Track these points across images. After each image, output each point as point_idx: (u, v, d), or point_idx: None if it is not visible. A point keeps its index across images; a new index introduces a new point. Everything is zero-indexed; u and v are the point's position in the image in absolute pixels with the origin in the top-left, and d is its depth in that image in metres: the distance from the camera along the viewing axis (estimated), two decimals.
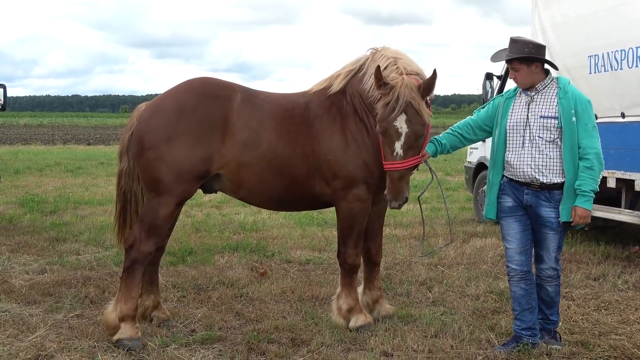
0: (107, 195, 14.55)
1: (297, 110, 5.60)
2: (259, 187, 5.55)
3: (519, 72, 5.15)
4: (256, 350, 5.23)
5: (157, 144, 5.29)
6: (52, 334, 5.49)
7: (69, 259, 8.23)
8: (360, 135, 5.51)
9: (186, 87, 5.58)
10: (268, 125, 5.47)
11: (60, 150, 31.98)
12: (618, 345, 5.30)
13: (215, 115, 5.36)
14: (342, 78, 5.66)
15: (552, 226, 5.12)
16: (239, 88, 5.63)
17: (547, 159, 5.07)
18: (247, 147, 5.40)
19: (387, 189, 5.16)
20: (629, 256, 8.56)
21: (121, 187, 5.75)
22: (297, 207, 6.10)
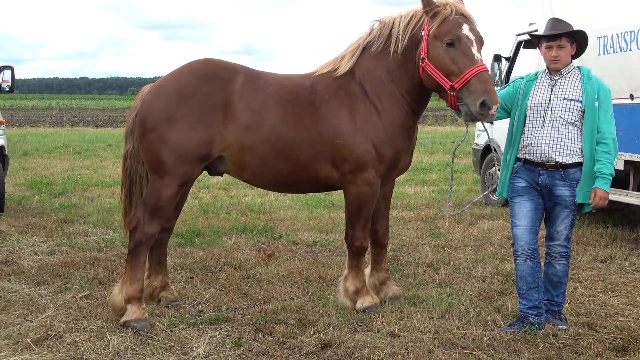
0: (115, 177, 14.60)
1: (302, 93, 5.54)
2: (262, 169, 5.52)
3: (563, 50, 5.23)
4: (263, 330, 5.26)
5: (159, 126, 5.29)
6: (61, 314, 5.54)
7: (77, 240, 8.28)
8: (371, 118, 5.46)
9: (188, 69, 5.55)
10: (271, 108, 5.42)
11: (68, 133, 32.07)
12: (624, 326, 5.31)
13: (217, 97, 5.32)
14: (348, 59, 5.60)
15: (566, 204, 5.21)
16: (241, 69, 5.57)
17: (565, 140, 5.14)
18: (249, 130, 5.36)
19: (483, 94, 4.93)
20: (637, 238, 8.56)
21: (126, 168, 5.76)
22: (302, 190, 6.07)
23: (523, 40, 11.02)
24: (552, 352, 4.83)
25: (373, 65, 5.55)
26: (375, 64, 5.55)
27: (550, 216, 5.34)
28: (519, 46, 11.14)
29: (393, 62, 5.51)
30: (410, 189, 13.08)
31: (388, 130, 5.46)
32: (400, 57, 5.47)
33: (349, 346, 4.91)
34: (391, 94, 5.51)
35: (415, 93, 5.52)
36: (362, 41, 5.64)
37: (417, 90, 5.50)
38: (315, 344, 4.96)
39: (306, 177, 5.59)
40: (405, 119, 5.56)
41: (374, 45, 5.59)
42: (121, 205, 5.90)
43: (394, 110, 5.51)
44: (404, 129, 5.57)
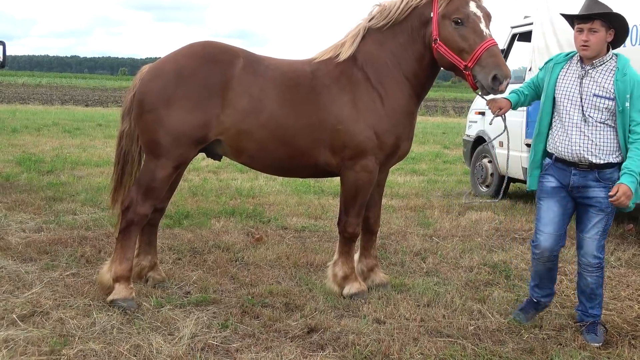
0: (105, 157, 14.55)
1: (303, 79, 5.49)
2: (260, 154, 5.49)
3: (595, 35, 4.72)
4: (250, 313, 5.27)
5: (156, 107, 5.26)
6: (48, 291, 5.53)
7: (65, 218, 8.25)
8: (373, 104, 5.42)
9: (187, 51, 5.51)
10: (270, 93, 5.38)
11: (58, 111, 31.88)
12: (608, 320, 5.36)
13: (215, 81, 5.29)
14: (349, 45, 5.56)
15: (600, 207, 4.85)
16: (242, 53, 5.53)
17: (597, 140, 4.79)
18: (248, 115, 5.32)
19: (494, 68, 4.95)
20: (623, 234, 8.62)
21: (121, 147, 5.73)
22: (300, 175, 6.02)
23: (517, 33, 11.02)
24: (536, 343, 4.87)
25: (377, 50, 5.51)
26: (379, 48, 5.51)
27: (582, 219, 5.00)
28: (514, 39, 11.14)
29: (399, 44, 5.49)
30: (400, 178, 13.10)
31: (390, 117, 5.44)
32: (407, 38, 5.46)
33: (334, 331, 4.93)
34: (395, 78, 5.48)
35: (423, 75, 5.52)
36: (362, 26, 5.61)
37: (425, 71, 5.50)
38: (301, 328, 4.98)
39: (305, 163, 5.56)
40: (408, 104, 5.54)
41: (376, 29, 5.56)
42: (111, 184, 5.87)
43: (397, 96, 5.48)
44: (406, 115, 5.56)
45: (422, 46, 5.42)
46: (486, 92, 5.12)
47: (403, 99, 5.50)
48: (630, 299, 5.98)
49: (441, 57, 5.27)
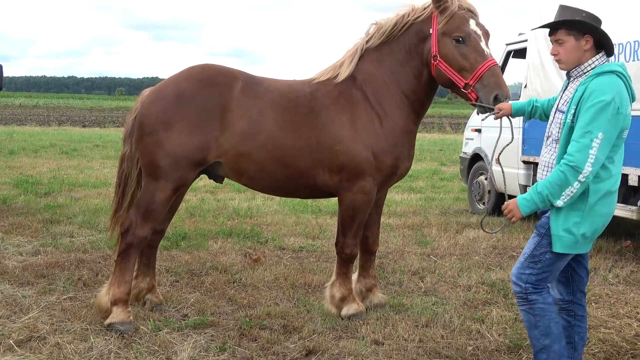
0: (102, 178, 14.56)
1: (302, 100, 5.49)
2: (259, 175, 5.50)
3: (563, 46, 4.10)
4: (248, 336, 5.25)
5: (156, 129, 5.28)
6: (45, 315, 5.51)
7: (62, 241, 8.23)
8: (372, 124, 5.41)
9: (187, 74, 5.54)
10: (269, 115, 5.39)
11: (55, 132, 31.92)
12: (607, 338, 5.34)
13: (214, 103, 5.30)
14: (347, 65, 5.56)
15: (537, 225, 4.29)
16: (240, 75, 5.55)
17: (545, 159, 4.29)
18: (246, 137, 5.34)
19: (496, 88, 4.97)
20: (621, 250, 8.61)
21: (122, 170, 5.77)
22: (300, 195, 6.01)
23: (512, 50, 11.09)
24: None
25: (375, 68, 5.52)
26: (378, 67, 5.52)
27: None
28: (508, 56, 11.21)
29: (397, 61, 5.49)
30: (397, 196, 13.11)
31: (389, 137, 5.42)
32: (405, 55, 5.47)
33: (333, 353, 4.91)
34: (394, 96, 5.48)
35: (422, 92, 5.52)
36: (360, 45, 5.61)
37: (424, 88, 5.51)
38: (299, 350, 4.96)
39: (304, 183, 5.56)
40: (407, 123, 5.54)
41: (374, 47, 5.57)
42: (112, 207, 5.90)
43: (395, 115, 5.48)
44: (405, 134, 5.55)
45: (420, 63, 5.43)
46: (484, 111, 5.10)
47: (401, 118, 5.50)
48: (629, 316, 5.96)
49: (440, 74, 5.27)
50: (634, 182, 7.71)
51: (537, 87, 9.54)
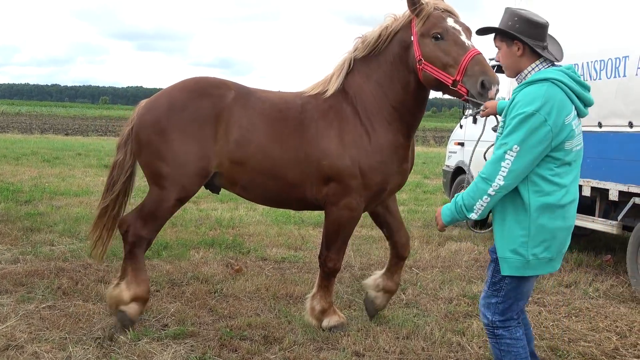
0: (84, 187, 14.46)
1: (292, 113, 5.45)
2: (251, 185, 5.51)
3: (499, 53, 3.98)
4: (228, 346, 5.22)
5: (152, 140, 5.35)
6: (23, 324, 5.45)
7: (42, 249, 8.16)
8: (360, 140, 5.31)
9: (180, 85, 5.60)
10: (259, 125, 5.38)
11: (37, 140, 31.69)
12: (587, 352, 5.37)
13: (206, 113, 5.33)
14: (335, 79, 5.51)
15: (489, 251, 4.08)
16: (233, 86, 5.57)
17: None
18: (238, 146, 5.34)
19: (480, 75, 4.66)
20: (601, 264, 8.67)
21: (112, 177, 5.80)
22: (291, 207, 5.94)
23: (496, 65, 11.15)
24: None
25: (365, 83, 5.45)
26: (367, 81, 5.44)
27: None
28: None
29: (383, 74, 5.39)
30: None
31: (377, 154, 5.31)
32: (390, 66, 5.36)
33: None
34: (382, 110, 5.36)
35: (411, 102, 5.35)
36: (348, 59, 5.56)
37: (413, 98, 5.33)
38: None
39: (295, 196, 5.52)
40: (397, 137, 5.39)
41: (363, 61, 5.51)
42: (96, 211, 5.91)
43: (384, 130, 5.35)
44: (396, 150, 5.41)
45: (406, 72, 5.28)
46: (477, 105, 4.76)
47: (391, 134, 5.37)
48: (609, 330, 5.99)
49: (427, 77, 5.06)
50: (615, 197, 7.77)
51: None
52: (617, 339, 5.73)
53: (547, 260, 3.71)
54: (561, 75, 3.66)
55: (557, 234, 3.68)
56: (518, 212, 3.68)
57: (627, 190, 7.58)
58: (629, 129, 7.52)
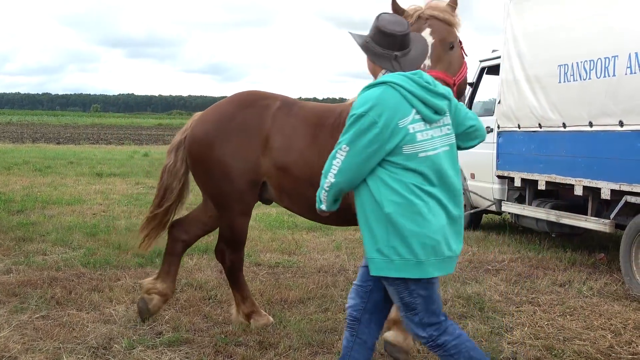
0: (76, 195, 14.42)
1: (330, 120, 5.35)
2: (295, 194, 5.41)
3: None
4: (223, 353, 5.21)
5: (203, 155, 5.50)
6: (17, 334, 5.42)
7: (35, 259, 8.13)
8: None
9: (230, 98, 5.75)
10: (299, 132, 5.36)
11: (29, 149, 31.56)
12: (582, 350, 5.37)
13: (253, 123, 5.41)
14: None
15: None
16: (280, 97, 5.62)
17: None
18: (281, 153, 5.35)
19: None
20: (595, 263, 8.69)
21: (162, 182, 5.91)
22: (333, 221, 5.43)
23: (486, 67, 11.20)
24: None
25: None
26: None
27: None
28: (482, 72, 11.32)
29: None
30: None
31: None
32: None
33: None
34: None
35: None
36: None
37: None
38: None
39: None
40: None
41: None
42: (146, 214, 6.08)
43: None
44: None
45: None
46: None
47: None
48: (603, 328, 6.00)
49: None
50: (607, 195, 7.80)
51: (511, 103, 9.64)
52: (611, 337, 5.74)
53: (414, 263, 3.51)
54: (401, 79, 3.59)
55: (412, 237, 3.50)
56: (376, 211, 3.58)
57: (619, 189, 7.60)
58: (619, 128, 7.54)
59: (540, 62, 8.99)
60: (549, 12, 8.93)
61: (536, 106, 9.03)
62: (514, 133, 9.70)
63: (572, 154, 8.44)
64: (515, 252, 9.38)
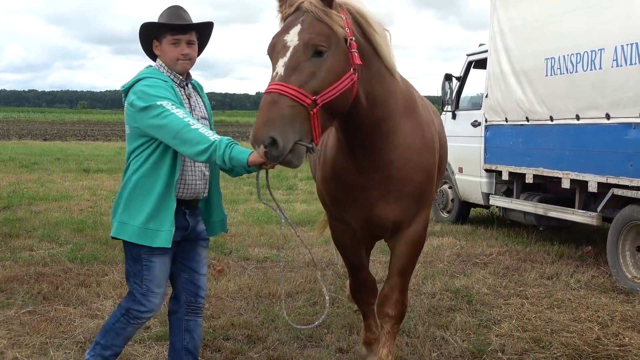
0: (63, 191, 14.34)
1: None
2: None
3: (193, 47, 4.00)
4: (211, 346, 5.19)
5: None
6: (3, 330, 5.39)
7: (22, 254, 8.07)
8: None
9: None
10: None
11: (15, 146, 31.34)
12: (570, 342, 5.39)
13: None
14: None
15: (205, 236, 4.25)
16: None
17: (209, 172, 4.14)
18: None
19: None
20: (582, 256, 8.73)
21: None
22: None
23: (473, 61, 11.21)
24: None
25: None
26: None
27: (195, 258, 4.19)
28: (470, 66, 11.33)
29: None
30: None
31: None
32: None
33: None
34: None
35: None
36: None
37: None
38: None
39: None
40: None
41: None
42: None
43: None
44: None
45: None
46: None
47: None
48: (590, 320, 6.03)
49: None
50: (594, 188, 7.83)
51: (498, 97, 9.65)
52: (599, 329, 5.76)
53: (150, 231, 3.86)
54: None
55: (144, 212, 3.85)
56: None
57: (606, 182, 7.63)
58: (606, 121, 7.57)
59: (527, 55, 9.01)
60: (535, 5, 8.95)
61: (523, 100, 9.05)
62: (501, 127, 9.72)
63: (560, 147, 8.46)
64: (503, 246, 9.40)
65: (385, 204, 4.09)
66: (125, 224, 3.90)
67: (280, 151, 3.15)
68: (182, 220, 3.97)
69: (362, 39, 3.60)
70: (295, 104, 3.20)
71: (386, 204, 4.09)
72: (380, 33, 3.71)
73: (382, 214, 4.13)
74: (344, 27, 3.43)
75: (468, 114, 11.02)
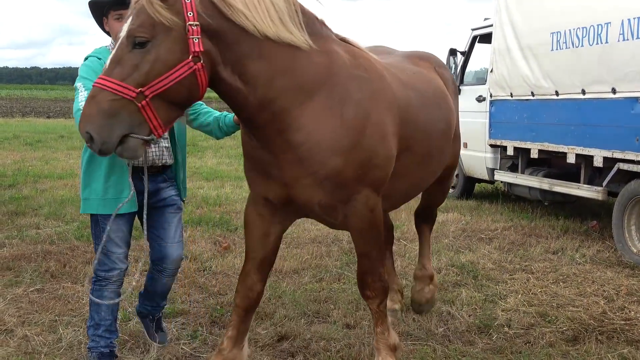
0: (68, 169, 14.36)
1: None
2: None
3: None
4: (219, 323, 5.23)
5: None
6: (12, 308, 5.43)
7: (28, 233, 8.11)
8: None
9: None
10: None
11: (19, 123, 31.35)
12: (575, 316, 5.42)
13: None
14: None
15: (178, 204, 4.56)
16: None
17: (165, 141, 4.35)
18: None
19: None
20: (587, 230, 8.74)
21: None
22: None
23: (478, 35, 11.14)
24: (505, 342, 4.91)
25: None
26: None
27: (163, 225, 4.51)
28: (474, 41, 11.26)
29: None
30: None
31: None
32: None
33: (305, 338, 4.91)
34: None
35: None
36: None
37: None
38: (271, 336, 4.95)
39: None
40: None
41: None
42: None
43: None
44: None
45: None
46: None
47: None
48: (596, 294, 6.05)
49: None
50: (599, 163, 7.81)
51: (504, 72, 9.60)
52: (604, 303, 5.79)
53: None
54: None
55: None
56: None
57: (612, 156, 7.62)
58: (612, 95, 7.54)
59: (532, 30, 8.95)
60: None
61: (529, 74, 9.00)
62: (506, 102, 9.68)
63: (565, 122, 8.44)
64: (508, 221, 9.41)
65: (305, 186, 3.71)
66: (88, 199, 4.22)
67: (98, 146, 3.13)
68: (139, 185, 4.08)
69: (221, 20, 3.29)
70: (117, 97, 3.10)
71: (306, 186, 3.71)
72: (251, 8, 3.34)
73: (304, 196, 3.76)
74: (181, 13, 3.17)
75: (473, 89, 10.96)
